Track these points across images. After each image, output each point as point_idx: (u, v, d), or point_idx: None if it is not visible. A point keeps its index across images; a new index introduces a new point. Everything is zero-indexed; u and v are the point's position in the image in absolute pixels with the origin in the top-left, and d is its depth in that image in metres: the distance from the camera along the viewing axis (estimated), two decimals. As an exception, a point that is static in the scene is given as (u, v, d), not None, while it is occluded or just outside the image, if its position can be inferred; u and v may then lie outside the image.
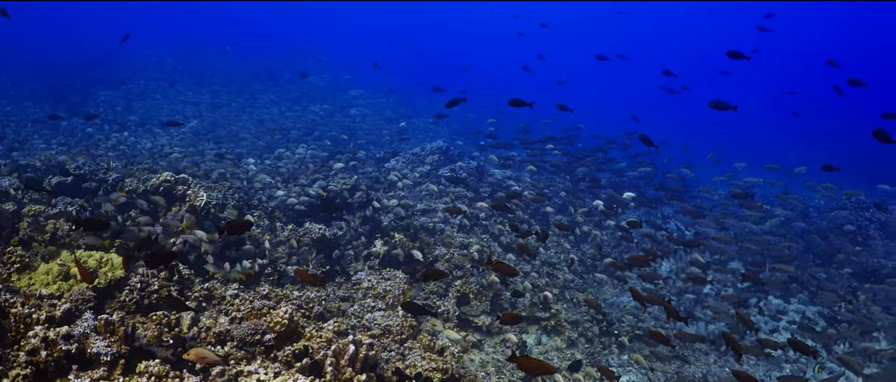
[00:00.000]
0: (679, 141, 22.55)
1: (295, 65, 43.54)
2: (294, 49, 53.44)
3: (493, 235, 14.18)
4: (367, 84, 39.11)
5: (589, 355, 10.94)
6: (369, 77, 40.61)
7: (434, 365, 7.45)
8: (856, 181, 23.90)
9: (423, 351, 8.20)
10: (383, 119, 29.77)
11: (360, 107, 31.02)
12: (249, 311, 8.28)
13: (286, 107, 28.86)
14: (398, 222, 13.01)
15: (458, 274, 11.41)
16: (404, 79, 47.26)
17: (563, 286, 12.59)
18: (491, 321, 10.88)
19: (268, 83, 36.27)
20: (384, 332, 8.79)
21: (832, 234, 16.87)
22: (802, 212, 17.67)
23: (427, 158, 19.24)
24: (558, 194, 17.51)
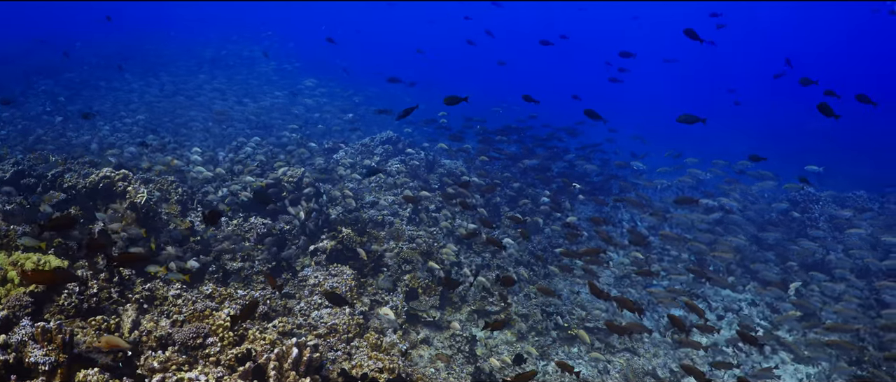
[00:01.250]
0: (636, 133, 22.76)
1: (244, 53, 42.71)
2: (244, 37, 52.38)
3: (441, 227, 14.05)
4: (322, 74, 38.50)
5: (539, 348, 10.90)
6: (324, 67, 40.08)
7: (381, 365, 7.29)
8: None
9: (370, 350, 8.03)
10: (337, 108, 29.32)
11: (315, 97, 30.49)
12: (192, 313, 8.01)
13: (235, 100, 28.18)
14: (346, 215, 12.79)
15: (406, 268, 11.25)
16: (361, 67, 46.74)
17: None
18: (440, 315, 10.76)
19: (214, 71, 35.43)
20: (330, 331, 8.59)
21: (773, 226, 17.18)
22: (746, 205, 17.93)
23: (376, 149, 18.99)
24: (510, 185, 17.47)
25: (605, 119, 10.91)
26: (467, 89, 16.08)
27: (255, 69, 37.37)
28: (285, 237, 11.67)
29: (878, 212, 18.36)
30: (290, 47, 52.40)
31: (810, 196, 18.60)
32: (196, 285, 9.58)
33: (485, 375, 9.50)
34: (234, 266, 10.61)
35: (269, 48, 46.07)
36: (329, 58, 47.15)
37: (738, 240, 14.51)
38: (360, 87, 37.94)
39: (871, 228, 16.46)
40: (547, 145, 19.15)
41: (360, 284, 10.48)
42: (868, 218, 17.38)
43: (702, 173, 16.27)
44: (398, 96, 36.83)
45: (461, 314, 11.28)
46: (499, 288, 11.74)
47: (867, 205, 18.80)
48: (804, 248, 14.72)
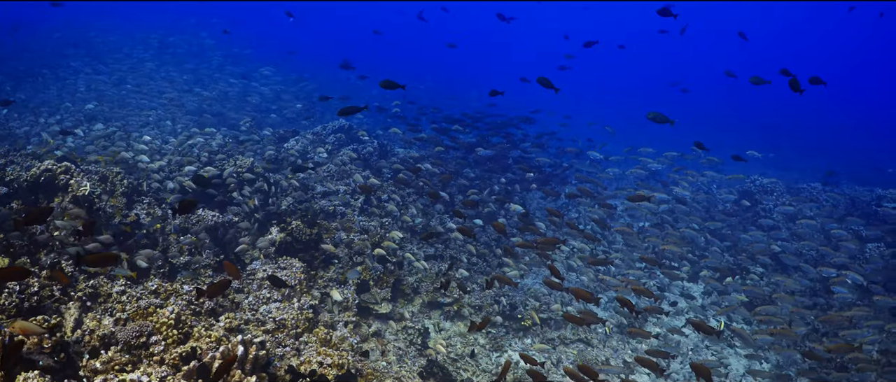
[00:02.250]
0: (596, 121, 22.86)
1: (195, 41, 41.69)
2: (194, 24, 51.13)
3: (395, 218, 13.92)
4: (278, 63, 37.80)
5: (492, 340, 10.88)
6: (282, 57, 39.43)
7: (330, 360, 7.16)
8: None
9: (319, 345, 7.89)
10: (293, 96, 28.84)
11: (270, 85, 29.91)
12: (136, 311, 7.76)
13: (186, 88, 27.43)
14: (297, 206, 12.57)
15: (358, 259, 11.10)
16: (317, 55, 46.12)
17: (468, 269, 12.48)
18: (392, 308, 10.66)
19: (163, 57, 34.46)
20: (279, 327, 8.41)
21: (727, 216, 17.45)
22: (696, 195, 18.14)
23: (329, 138, 18.74)
24: (465, 174, 17.41)
25: (557, 88, 10.87)
26: (421, 77, 15.80)
27: (207, 57, 36.47)
28: (234, 229, 11.42)
29: (832, 204, 18.75)
30: (242, 32, 51.42)
31: (765, 186, 18.91)
32: (142, 281, 9.30)
33: (436, 367, 9.43)
34: (182, 260, 10.34)
35: (223, 34, 45.15)
36: (285, 43, 46.48)
37: (689, 231, 14.69)
38: (316, 74, 37.49)
39: (821, 218, 16.80)
40: (502, 134, 19.12)
41: (310, 277, 10.30)
42: (816, 208, 17.75)
43: (653, 162, 16.42)
44: (353, 83, 36.46)
45: (413, 305, 11.19)
46: (452, 279, 11.69)
47: (819, 196, 19.20)
48: (754, 238, 14.95)
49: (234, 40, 43.74)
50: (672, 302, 13.41)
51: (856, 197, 19.43)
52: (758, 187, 18.96)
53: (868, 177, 25.89)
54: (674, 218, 15.97)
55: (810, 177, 22.92)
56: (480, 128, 19.21)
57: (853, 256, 14.42)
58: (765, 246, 14.45)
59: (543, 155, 18.99)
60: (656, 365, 8.29)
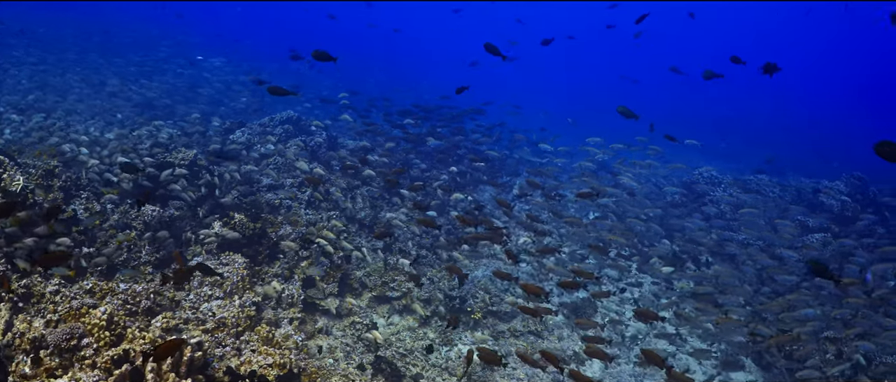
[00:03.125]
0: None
1: (143, 31, 40.56)
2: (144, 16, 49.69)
3: (342, 210, 13.65)
4: (228, 53, 36.96)
5: (442, 333, 10.71)
6: (231, 47, 38.57)
7: (271, 360, 6.90)
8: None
9: (260, 344, 7.61)
10: (243, 87, 28.17)
11: (220, 75, 29.20)
12: (68, 312, 7.39)
13: (132, 79, 26.56)
14: (242, 199, 12.21)
15: (303, 254, 10.81)
16: (269, 45, 45.21)
17: (416, 262, 12.29)
18: (339, 303, 10.40)
19: (107, 47, 33.39)
20: (219, 325, 8.10)
21: (673, 207, 17.58)
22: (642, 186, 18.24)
23: (276, 129, 18.30)
24: (416, 165, 17.20)
25: (504, 55, 10.73)
26: (373, 68, 15.51)
27: (154, 47, 35.46)
28: (176, 224, 11.02)
29: (779, 195, 19.04)
30: (191, 22, 50.22)
31: (713, 178, 19.09)
32: (78, 279, 8.89)
33: (384, 363, 9.23)
34: (120, 257, 9.93)
35: (171, 25, 44.03)
36: (234, 33, 45.58)
37: (636, 221, 14.74)
38: (267, 65, 36.78)
39: (766, 208, 17.03)
40: (454, 126, 18.95)
41: (253, 273, 9.99)
42: (762, 199, 17.99)
43: (599, 153, 16.47)
44: (304, 74, 35.88)
45: (362, 300, 10.96)
46: (406, 272, 11.50)
47: (766, 189, 19.48)
48: (697, 225, 15.07)
49: (183, 29, 42.73)
50: (621, 289, 13.46)
51: (801, 187, 19.79)
52: (706, 178, 19.15)
53: (816, 169, 26.45)
54: (622, 209, 15.99)
55: (757, 168, 23.27)
56: (432, 120, 19.01)
57: (795, 245, 14.65)
58: (712, 238, 14.56)
59: (495, 146, 18.86)
60: (604, 354, 8.27)
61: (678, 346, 11.74)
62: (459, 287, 11.52)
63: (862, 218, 16.45)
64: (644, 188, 17.34)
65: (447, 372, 9.86)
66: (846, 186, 18.85)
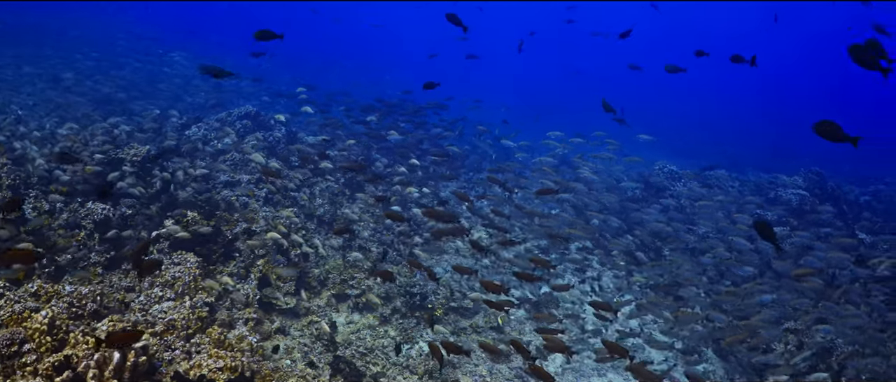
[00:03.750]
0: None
1: (101, 26, 39.49)
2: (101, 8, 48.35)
3: (301, 207, 13.36)
4: (190, 49, 36.11)
5: (403, 331, 10.50)
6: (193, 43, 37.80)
7: (222, 363, 6.63)
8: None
9: (212, 348, 7.32)
10: (202, 82, 27.55)
11: (180, 68, 28.53)
12: (10, 316, 7.03)
13: (86, 74, 25.75)
14: (197, 197, 11.86)
15: (260, 252, 10.51)
16: (230, 39, 44.29)
17: (376, 260, 12.06)
18: (296, 302, 10.12)
19: (61, 42, 32.40)
20: (168, 328, 7.78)
21: (633, 202, 17.58)
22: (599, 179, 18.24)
23: (234, 124, 17.90)
24: (377, 161, 16.97)
25: (465, 26, 10.62)
26: (335, 62, 15.19)
27: (112, 42, 34.53)
28: (128, 223, 10.64)
29: (738, 190, 19.21)
30: (148, 14, 49.14)
31: (673, 174, 19.17)
32: (24, 282, 8.50)
33: (343, 363, 9.00)
34: (68, 258, 9.54)
35: (130, 20, 43.02)
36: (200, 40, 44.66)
37: (595, 215, 14.70)
38: (227, 58, 36.08)
39: (725, 202, 17.15)
40: (416, 121, 18.75)
41: (206, 272, 9.66)
42: (721, 193, 18.12)
43: (560, 146, 16.44)
44: (264, 69, 35.30)
45: (321, 299, 10.70)
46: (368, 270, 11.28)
47: (724, 184, 19.64)
48: (656, 220, 15.08)
49: (139, 22, 41.77)
50: (581, 280, 13.43)
51: (759, 182, 20.00)
52: (666, 173, 19.22)
53: (774, 165, 26.76)
54: (582, 203, 15.92)
55: (718, 163, 23.47)
56: (395, 115, 18.79)
57: (753, 237, 14.77)
58: (670, 230, 14.59)
59: (457, 141, 18.71)
60: (565, 348, 8.16)
61: (640, 337, 11.69)
62: (437, 283, 11.35)
63: (820, 211, 16.64)
64: (604, 182, 17.27)
65: (408, 371, 9.67)
66: (804, 181, 19.08)
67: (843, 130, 6.09)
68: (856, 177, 25.13)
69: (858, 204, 19.75)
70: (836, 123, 6.12)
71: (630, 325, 12.29)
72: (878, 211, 19.22)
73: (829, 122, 6.11)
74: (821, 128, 6.15)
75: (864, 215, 18.54)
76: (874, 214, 18.64)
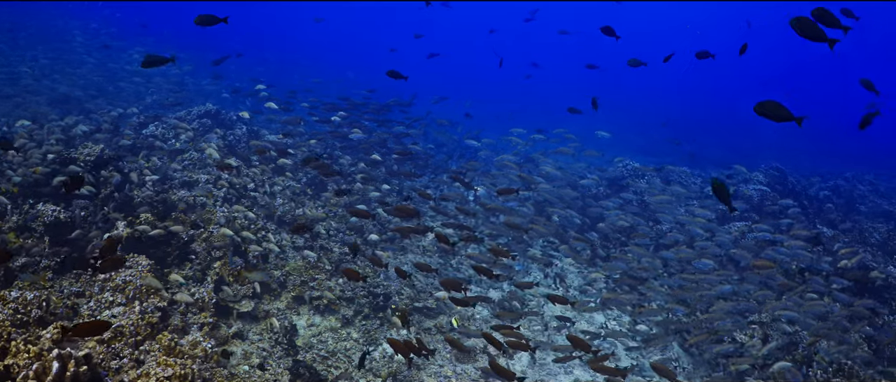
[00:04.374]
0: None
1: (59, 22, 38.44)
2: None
3: (261, 206, 13.04)
4: (152, 46, 35.39)
5: (366, 333, 10.26)
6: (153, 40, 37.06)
7: (171, 371, 6.33)
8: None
9: (161, 355, 7.01)
10: (164, 80, 26.97)
11: (137, 66, 27.84)
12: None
13: (41, 73, 24.99)
14: (153, 197, 11.48)
15: (217, 254, 10.18)
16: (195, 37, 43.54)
17: (339, 260, 11.80)
18: (254, 305, 9.83)
19: (16, 37, 31.48)
20: (116, 335, 7.44)
21: (593, 199, 17.56)
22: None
23: (193, 123, 17.47)
24: (340, 159, 16.70)
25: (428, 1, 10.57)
26: (299, 59, 14.59)
27: (68, 40, 33.63)
28: (80, 225, 10.24)
29: (700, 186, 19.31)
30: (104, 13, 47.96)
31: (636, 170, 19.17)
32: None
33: (303, 367, 8.74)
34: (17, 262, 9.13)
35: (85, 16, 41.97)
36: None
37: (558, 211, 14.62)
38: (190, 57, 35.44)
39: (687, 199, 17.21)
40: (380, 118, 18.51)
41: (160, 276, 9.31)
42: (684, 191, 18.19)
43: (522, 143, 16.37)
44: (225, 67, 34.72)
45: (281, 301, 10.41)
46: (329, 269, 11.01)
47: (686, 180, 19.71)
48: (619, 216, 15.07)
49: (93, 17, 40.81)
50: (545, 276, 13.34)
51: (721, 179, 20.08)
52: (629, 170, 19.23)
53: (737, 162, 26.96)
54: (543, 199, 15.82)
55: (679, 161, 23.61)
56: (357, 113, 18.53)
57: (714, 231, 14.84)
58: (631, 226, 14.58)
59: (421, 139, 18.52)
60: (528, 346, 8.05)
61: (603, 332, 11.59)
62: (407, 278, 11.13)
63: (781, 206, 16.76)
64: (566, 178, 17.14)
65: (371, 374, 9.44)
66: (765, 177, 19.23)
67: (786, 109, 5.95)
68: (814, 172, 25.49)
69: (818, 198, 19.96)
70: (778, 102, 5.97)
71: (597, 320, 12.20)
72: (838, 205, 19.46)
73: (772, 102, 5.97)
74: (764, 109, 6.00)
75: (827, 206, 18.83)
76: (835, 208, 18.88)
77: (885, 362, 10.26)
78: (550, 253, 14.49)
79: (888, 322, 11.16)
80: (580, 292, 13.24)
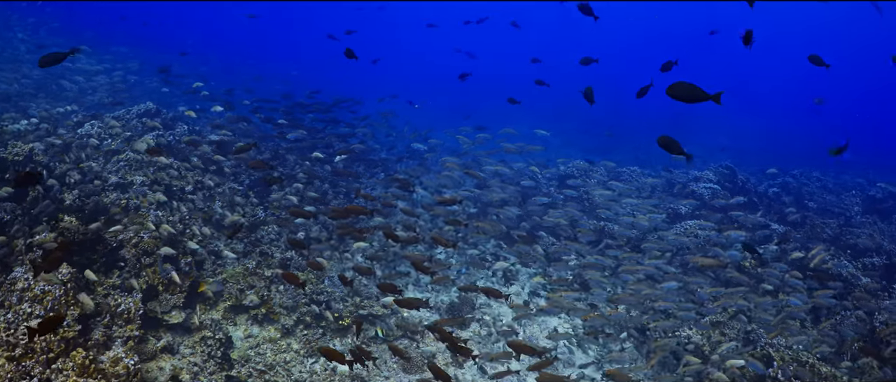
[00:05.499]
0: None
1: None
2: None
3: (199, 210, 12.45)
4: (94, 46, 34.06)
5: (307, 343, 9.78)
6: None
7: (84, 393, 5.81)
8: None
9: (74, 375, 6.46)
10: (107, 80, 25.96)
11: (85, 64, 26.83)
12: None
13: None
14: (84, 200, 10.83)
15: (146, 261, 9.59)
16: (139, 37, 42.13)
17: (281, 265, 11.30)
18: (185, 316, 9.27)
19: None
20: (28, 351, 6.86)
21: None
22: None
23: (132, 121, 16.70)
24: (285, 160, 16.14)
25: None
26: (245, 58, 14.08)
27: (11, 40, 32.24)
28: (2, 230, 9.55)
29: (651, 185, 19.25)
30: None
31: (586, 170, 19.01)
32: None
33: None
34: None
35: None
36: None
37: (502, 212, 14.35)
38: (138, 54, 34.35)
39: (639, 198, 17.10)
40: (325, 118, 18.01)
41: (82, 285, 8.71)
42: (635, 189, 18.13)
43: (469, 142, 16.09)
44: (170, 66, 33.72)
45: (216, 311, 9.87)
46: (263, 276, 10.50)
47: (636, 178, 19.65)
48: (565, 215, 14.89)
49: (40, 18, 39.32)
50: (492, 274, 13.13)
51: (671, 178, 20.12)
52: (580, 169, 19.06)
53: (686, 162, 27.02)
54: (488, 200, 15.53)
55: (630, 161, 23.60)
56: (304, 112, 18.02)
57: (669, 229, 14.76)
58: (568, 222, 14.40)
59: (370, 140, 18.09)
60: (468, 351, 7.75)
61: (556, 336, 11.33)
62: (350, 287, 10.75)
63: (732, 204, 16.73)
64: (510, 177, 16.84)
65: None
66: (715, 175, 19.27)
67: (701, 89, 5.62)
68: (762, 171, 25.80)
69: (768, 195, 20.08)
70: (692, 84, 5.65)
71: (550, 324, 11.93)
72: (788, 202, 19.60)
73: (685, 83, 5.65)
74: (676, 92, 5.67)
75: (784, 200, 19.06)
76: (789, 204, 19.09)
77: (845, 357, 10.21)
78: (494, 253, 14.22)
79: (845, 317, 11.17)
80: (524, 294, 12.97)
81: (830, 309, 11.37)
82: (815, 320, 11.41)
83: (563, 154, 22.32)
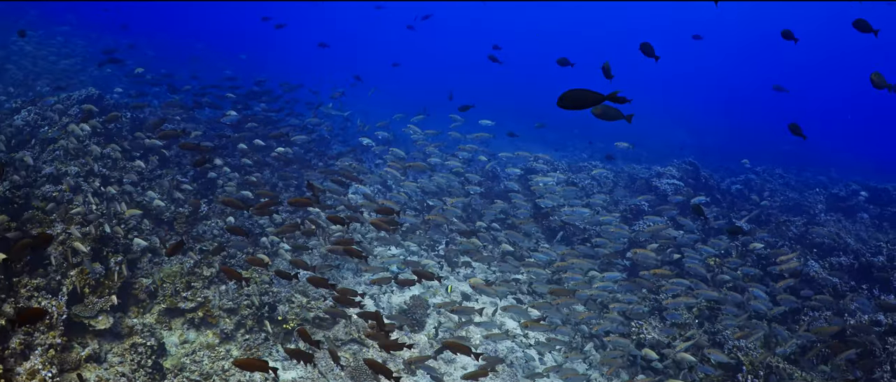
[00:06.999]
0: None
1: None
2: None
3: (138, 203, 11.72)
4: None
5: (248, 349, 9.19)
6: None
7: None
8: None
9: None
10: (55, 67, 24.90)
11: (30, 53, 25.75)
12: None
13: None
14: (14, 192, 10.09)
15: (75, 260, 8.90)
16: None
17: (221, 261, 10.66)
18: (115, 320, 8.61)
19: None
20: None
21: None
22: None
23: (71, 109, 15.82)
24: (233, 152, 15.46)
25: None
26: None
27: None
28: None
29: (613, 181, 19.02)
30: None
31: (549, 163, 18.69)
32: None
33: (170, 394, 7.65)
34: None
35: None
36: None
37: (451, 209, 13.93)
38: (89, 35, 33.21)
39: (600, 193, 16.84)
40: (275, 108, 17.42)
41: (3, 287, 8.02)
42: (597, 185, 17.90)
43: (419, 133, 15.63)
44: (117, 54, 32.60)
45: (150, 315, 9.22)
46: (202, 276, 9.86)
47: (599, 175, 19.38)
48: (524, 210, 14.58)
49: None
50: (441, 278, 12.72)
51: (633, 173, 19.91)
52: (544, 163, 18.75)
53: (648, 158, 27.03)
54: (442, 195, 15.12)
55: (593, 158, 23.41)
56: (254, 102, 17.38)
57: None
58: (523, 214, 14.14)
59: (304, 133, 17.47)
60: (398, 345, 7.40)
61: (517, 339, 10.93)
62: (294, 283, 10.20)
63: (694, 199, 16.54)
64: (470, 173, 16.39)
65: (253, 395, 8.42)
66: (679, 171, 19.08)
67: (593, 91, 5.00)
68: (723, 167, 25.83)
69: (730, 192, 19.97)
70: (583, 88, 5.04)
71: (507, 326, 11.52)
72: (750, 199, 19.55)
73: (577, 90, 5.04)
74: (566, 101, 5.02)
75: (752, 198, 19.01)
76: (748, 201, 19.03)
77: (815, 360, 10.02)
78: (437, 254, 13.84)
79: (815, 318, 11.02)
80: (472, 296, 12.56)
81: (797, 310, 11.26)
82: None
83: (526, 146, 21.94)
